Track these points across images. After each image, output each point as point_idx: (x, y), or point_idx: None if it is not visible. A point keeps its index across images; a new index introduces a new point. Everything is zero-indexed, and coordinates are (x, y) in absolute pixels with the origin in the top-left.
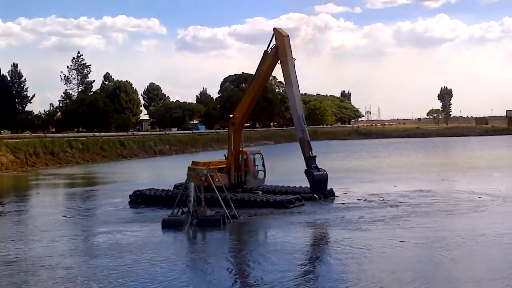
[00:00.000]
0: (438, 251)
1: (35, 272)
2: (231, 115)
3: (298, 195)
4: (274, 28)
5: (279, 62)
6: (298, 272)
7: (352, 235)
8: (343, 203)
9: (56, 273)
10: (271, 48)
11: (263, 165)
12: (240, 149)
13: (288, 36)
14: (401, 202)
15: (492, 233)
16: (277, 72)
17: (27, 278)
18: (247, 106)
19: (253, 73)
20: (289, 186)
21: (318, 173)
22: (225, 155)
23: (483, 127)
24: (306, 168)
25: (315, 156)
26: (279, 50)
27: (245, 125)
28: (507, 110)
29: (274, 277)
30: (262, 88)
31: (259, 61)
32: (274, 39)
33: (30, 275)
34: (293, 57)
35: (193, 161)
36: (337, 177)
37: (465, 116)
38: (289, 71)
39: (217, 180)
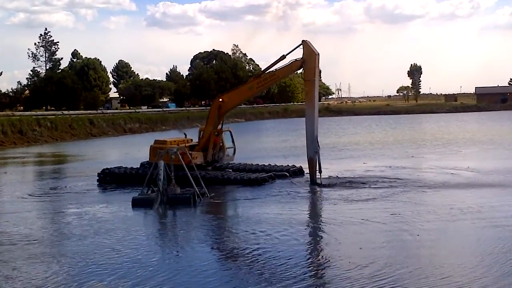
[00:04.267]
0: (407, 226)
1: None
2: (220, 99)
3: (271, 173)
4: (303, 41)
5: (301, 76)
6: (267, 246)
7: (320, 211)
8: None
9: (24, 254)
10: (296, 59)
11: (232, 142)
12: (219, 127)
13: (318, 54)
14: (370, 178)
15: (464, 208)
16: (249, 51)
17: None
18: (242, 99)
19: (224, 50)
20: (257, 164)
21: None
22: (184, 133)
23: (452, 104)
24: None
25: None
26: (306, 66)
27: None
28: (475, 87)
29: (242, 253)
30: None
31: (273, 61)
32: (302, 51)
33: None
34: (319, 75)
35: (155, 140)
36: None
37: (435, 93)
38: (313, 91)
39: (195, 158)
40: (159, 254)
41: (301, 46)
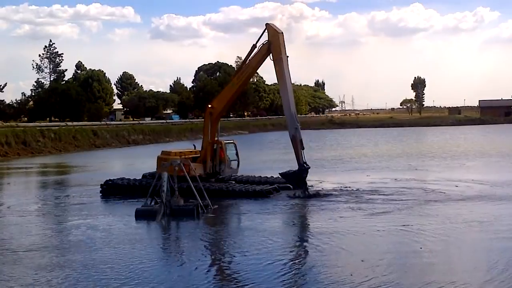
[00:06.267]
0: (411, 239)
1: (5, 265)
2: (209, 105)
3: (275, 185)
4: (267, 24)
5: (270, 58)
6: (272, 259)
7: (324, 223)
8: (318, 193)
9: (28, 267)
10: (262, 43)
11: (236, 154)
12: (216, 139)
13: (282, 33)
14: (373, 191)
15: (476, 220)
16: None
17: None
18: (228, 98)
19: (228, 63)
20: (260, 176)
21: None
22: (194, 145)
23: (456, 117)
24: (298, 165)
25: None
26: (272, 46)
27: None
28: (479, 100)
29: (248, 264)
30: (248, 82)
31: (246, 54)
32: (267, 34)
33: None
34: (287, 54)
35: (162, 151)
36: (310, 165)
37: (438, 106)
38: (282, 69)
39: (194, 169)
40: (165, 267)
41: (267, 31)
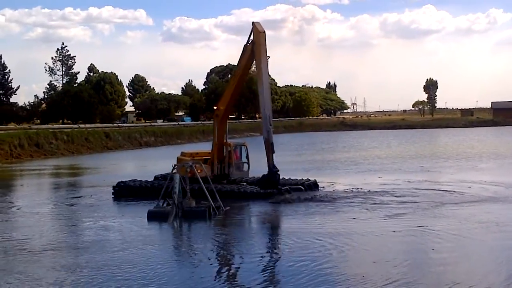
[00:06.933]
0: (428, 241)
1: (22, 266)
2: (215, 107)
3: (287, 187)
4: (253, 23)
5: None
6: (285, 260)
7: (339, 225)
8: (328, 195)
9: (49, 267)
10: (248, 42)
11: (247, 157)
12: (225, 141)
13: (264, 32)
14: (387, 193)
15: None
16: None
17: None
18: (229, 99)
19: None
20: None
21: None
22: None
23: (468, 118)
24: (268, 169)
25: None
26: (255, 46)
27: (231, 117)
28: (492, 102)
29: (262, 265)
30: (244, 81)
31: (240, 56)
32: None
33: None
34: (268, 55)
35: (182, 152)
36: (323, 167)
37: (451, 108)
38: (261, 69)
39: (199, 171)
40: (177, 268)
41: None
